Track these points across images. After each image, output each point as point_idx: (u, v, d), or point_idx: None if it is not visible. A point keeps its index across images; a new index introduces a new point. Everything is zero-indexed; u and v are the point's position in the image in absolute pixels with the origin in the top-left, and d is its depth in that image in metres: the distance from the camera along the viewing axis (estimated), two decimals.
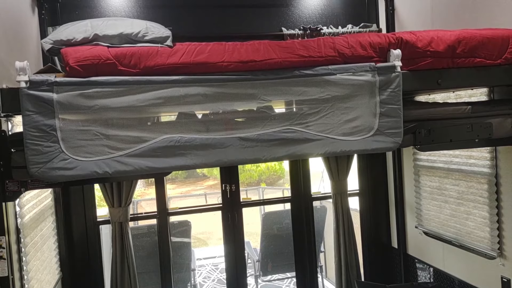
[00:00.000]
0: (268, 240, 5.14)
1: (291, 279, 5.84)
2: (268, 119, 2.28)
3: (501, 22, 2.90)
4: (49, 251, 3.36)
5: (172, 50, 2.19)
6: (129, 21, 2.46)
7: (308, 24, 4.16)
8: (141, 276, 4.15)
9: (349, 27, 4.19)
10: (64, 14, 3.71)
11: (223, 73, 2.21)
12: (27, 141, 1.96)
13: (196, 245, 7.80)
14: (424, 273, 4.07)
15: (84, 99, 2.03)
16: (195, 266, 5.28)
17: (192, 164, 2.20)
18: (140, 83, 2.10)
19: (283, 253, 5.09)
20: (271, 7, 4.18)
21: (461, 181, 3.42)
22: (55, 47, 2.21)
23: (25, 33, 3.15)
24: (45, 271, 3.15)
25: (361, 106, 2.36)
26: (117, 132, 2.11)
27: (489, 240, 3.17)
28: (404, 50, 2.40)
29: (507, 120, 2.60)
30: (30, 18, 3.33)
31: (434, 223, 3.81)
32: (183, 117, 2.24)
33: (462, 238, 3.45)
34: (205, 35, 4.03)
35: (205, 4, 4.06)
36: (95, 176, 2.08)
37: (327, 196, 4.58)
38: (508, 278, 3.04)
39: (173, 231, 4.60)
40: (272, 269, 5.23)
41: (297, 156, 2.35)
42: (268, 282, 5.99)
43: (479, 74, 2.54)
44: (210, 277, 6.60)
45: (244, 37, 4.16)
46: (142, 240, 4.38)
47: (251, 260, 5.45)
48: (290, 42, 2.34)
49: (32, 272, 2.80)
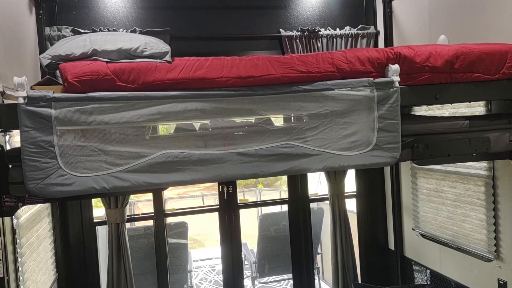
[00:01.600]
0: (265, 241, 5.14)
1: (288, 280, 5.84)
2: (267, 134, 2.29)
3: (499, 25, 2.91)
4: (45, 252, 3.35)
5: (171, 66, 2.19)
6: (127, 36, 2.45)
7: (306, 25, 4.16)
8: (138, 277, 4.15)
9: (347, 29, 4.19)
10: (61, 14, 3.70)
11: (221, 89, 2.20)
12: (24, 157, 1.96)
13: (193, 247, 7.79)
14: (421, 275, 4.07)
15: (82, 115, 2.02)
16: (192, 268, 5.28)
17: (190, 180, 2.20)
18: (138, 99, 2.09)
19: (280, 254, 5.09)
20: (269, 8, 4.18)
21: (458, 184, 3.43)
22: (53, 62, 2.20)
23: (22, 33, 3.14)
24: (41, 272, 3.15)
25: (359, 121, 2.37)
26: (115, 147, 2.10)
27: (486, 242, 3.17)
28: (403, 65, 2.41)
29: (504, 134, 2.61)
30: (27, 18, 3.32)
31: (431, 225, 3.82)
32: (181, 131, 2.24)
33: (459, 240, 3.46)
34: (203, 36, 4.04)
35: (203, 5, 4.06)
36: (93, 192, 2.08)
37: (324, 198, 4.58)
38: (504, 281, 3.05)
39: (170, 233, 4.60)
40: (269, 270, 5.23)
41: (295, 171, 2.35)
42: (265, 283, 5.99)
43: (477, 89, 2.55)
44: (207, 279, 6.59)
45: (242, 39, 4.20)
46: (139, 241, 4.38)
47: (248, 261, 5.44)
48: (288, 58, 2.33)
49: (27, 273, 2.80)
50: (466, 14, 3.24)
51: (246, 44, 4.24)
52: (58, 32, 3.55)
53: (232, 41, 4.21)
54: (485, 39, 3.04)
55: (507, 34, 2.85)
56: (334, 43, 4.16)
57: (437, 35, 3.53)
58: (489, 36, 3.02)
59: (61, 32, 3.56)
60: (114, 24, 3.80)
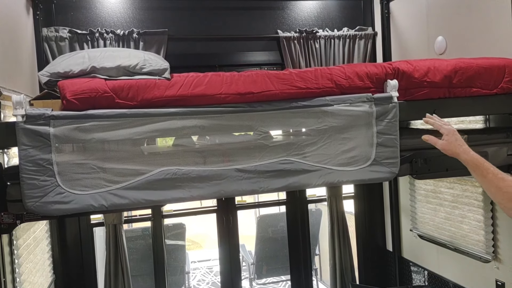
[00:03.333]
0: (263, 243, 5.13)
1: (286, 282, 5.83)
2: (266, 150, 2.28)
3: (496, 26, 2.91)
4: (42, 254, 3.34)
5: (170, 83, 2.18)
6: (126, 52, 2.44)
7: (304, 27, 4.16)
8: (135, 279, 4.14)
9: (345, 30, 4.19)
10: (59, 15, 3.68)
11: (220, 105, 2.20)
12: (22, 175, 1.95)
13: (191, 248, 7.77)
14: (418, 276, 4.07)
15: (81, 133, 2.02)
16: (190, 269, 5.27)
17: (189, 197, 2.20)
18: (137, 116, 2.09)
19: (278, 256, 5.09)
20: (267, 9, 4.18)
21: (456, 184, 3.43)
22: (52, 80, 2.19)
23: (19, 34, 3.13)
24: (38, 273, 3.13)
25: (358, 136, 2.37)
26: (114, 165, 2.10)
27: (483, 243, 3.17)
28: (401, 80, 2.41)
29: (502, 148, 2.62)
30: (24, 19, 3.30)
31: (429, 226, 3.82)
32: (180, 147, 2.23)
33: (457, 241, 3.46)
34: (200, 37, 4.03)
35: (201, 6, 4.05)
36: (91, 210, 2.07)
37: (322, 199, 4.58)
38: (502, 282, 3.05)
39: (168, 234, 4.58)
40: (267, 272, 5.22)
41: (294, 187, 2.35)
42: (263, 285, 5.98)
43: (475, 103, 2.55)
44: (205, 280, 6.58)
45: (240, 39, 4.20)
46: (136, 242, 4.37)
47: (246, 263, 5.44)
48: (287, 74, 2.33)
49: (24, 274, 2.79)
50: (464, 15, 3.24)
51: (244, 45, 4.24)
52: (56, 33, 3.54)
53: (230, 42, 4.21)
54: (483, 39, 3.05)
55: (504, 35, 2.85)
56: (332, 44, 4.15)
57: (435, 36, 3.54)
58: (487, 37, 3.02)
59: (58, 33, 3.54)
60: (111, 25, 3.79)
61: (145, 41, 3.70)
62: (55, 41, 3.54)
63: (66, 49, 3.56)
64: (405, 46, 3.97)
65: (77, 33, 3.57)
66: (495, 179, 1.63)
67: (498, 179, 1.62)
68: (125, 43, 3.67)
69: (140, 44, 3.68)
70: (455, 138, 1.81)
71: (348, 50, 4.19)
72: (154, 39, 3.73)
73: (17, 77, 2.94)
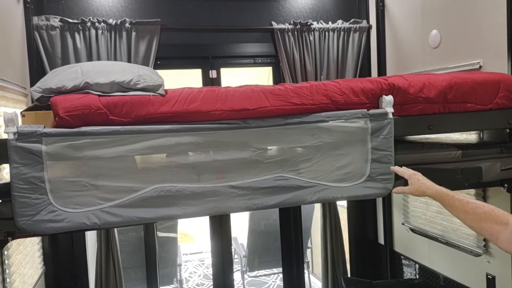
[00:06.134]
0: (255, 236, 5.13)
1: (278, 275, 5.85)
2: (260, 167, 2.26)
3: (491, 19, 2.91)
4: (32, 245, 3.31)
5: (164, 99, 2.15)
6: (120, 67, 2.40)
7: (298, 18, 4.13)
8: (127, 271, 4.13)
9: (339, 23, 4.16)
10: (50, 3, 3.63)
11: (215, 122, 2.18)
12: (14, 193, 1.92)
13: (183, 240, 7.75)
14: (409, 269, 4.10)
15: (74, 150, 1.99)
16: (181, 261, 5.25)
17: (183, 214, 2.18)
18: (131, 133, 2.06)
19: (270, 249, 5.09)
20: (262, 0, 4.14)
21: None
22: (44, 96, 2.14)
23: (9, 22, 3.07)
24: (28, 265, 3.11)
25: (353, 152, 2.36)
26: (107, 182, 2.07)
27: (475, 237, 3.19)
28: (396, 96, 2.39)
29: (496, 164, 2.61)
30: (14, 7, 3.24)
31: (420, 220, 3.83)
32: (174, 164, 2.21)
33: (448, 235, 3.48)
34: (194, 27, 3.99)
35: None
36: (84, 228, 2.05)
37: None
38: (493, 275, 3.07)
39: (159, 226, 4.56)
40: (258, 264, 5.22)
41: (289, 204, 2.33)
42: (255, 277, 5.99)
43: (470, 119, 2.55)
44: (196, 272, 6.58)
45: (234, 31, 4.16)
46: (128, 235, 4.35)
47: (238, 255, 5.44)
48: (283, 89, 2.30)
49: (14, 266, 2.76)
50: (458, 8, 3.23)
51: (238, 37, 4.20)
52: (47, 22, 3.48)
53: (224, 33, 4.17)
54: (477, 33, 3.05)
55: (499, 28, 2.85)
56: (326, 37, 4.12)
57: (429, 30, 3.53)
58: (481, 31, 3.02)
59: (49, 22, 3.49)
60: (103, 14, 3.73)
61: (137, 31, 3.66)
62: (46, 30, 3.49)
63: (57, 38, 3.51)
64: (399, 39, 3.96)
65: (68, 22, 3.52)
66: (460, 205, 1.69)
67: (463, 204, 1.68)
68: (117, 33, 3.62)
69: (133, 34, 3.64)
70: (417, 179, 1.88)
71: (343, 43, 4.17)
72: (147, 29, 3.68)
73: (7, 66, 2.89)
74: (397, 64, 4.03)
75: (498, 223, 1.54)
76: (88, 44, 3.57)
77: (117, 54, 3.62)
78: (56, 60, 3.50)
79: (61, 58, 3.52)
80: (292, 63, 4.04)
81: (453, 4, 3.28)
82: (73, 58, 3.53)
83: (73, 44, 3.54)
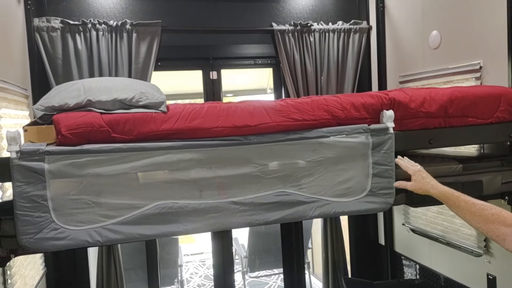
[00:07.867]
0: (256, 236, 5.14)
1: (279, 275, 5.86)
2: (262, 183, 2.26)
3: (491, 20, 2.92)
4: None
5: (166, 116, 2.16)
6: (123, 84, 2.40)
7: (298, 20, 4.13)
8: (128, 272, 4.13)
9: (340, 24, 4.17)
10: (51, 5, 3.63)
11: (216, 138, 2.19)
12: (17, 212, 1.92)
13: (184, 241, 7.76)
14: (410, 270, 4.10)
15: (76, 168, 1.99)
16: (182, 262, 5.26)
17: (184, 230, 2.18)
18: (133, 150, 2.06)
19: (271, 249, 5.10)
20: (262, 2, 4.14)
21: None
22: (47, 114, 2.15)
23: (10, 23, 3.08)
24: (29, 266, 3.12)
25: (354, 167, 2.36)
26: (109, 199, 2.07)
27: (475, 237, 3.20)
28: (397, 111, 2.39)
29: (497, 177, 2.61)
30: (15, 8, 3.25)
31: (421, 221, 3.84)
32: (176, 180, 2.21)
33: (449, 235, 3.48)
34: (194, 28, 4.00)
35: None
36: (86, 245, 2.07)
37: None
38: (493, 276, 3.08)
39: None
40: (259, 265, 5.23)
41: (290, 219, 2.33)
42: (255, 278, 6.00)
43: (471, 133, 2.55)
44: (197, 273, 6.59)
45: (234, 32, 4.17)
46: None
47: (238, 256, 5.44)
48: (284, 105, 2.31)
49: (15, 267, 2.77)
50: (458, 9, 3.24)
51: (238, 38, 4.21)
52: (47, 23, 3.49)
53: (224, 35, 4.17)
54: (477, 34, 3.05)
55: (499, 29, 2.85)
56: (326, 38, 4.13)
57: (429, 30, 3.54)
58: (481, 31, 3.03)
59: (50, 23, 3.49)
60: (104, 15, 3.74)
61: (138, 32, 3.66)
62: (46, 32, 3.49)
63: (58, 39, 3.51)
64: (399, 40, 3.97)
65: (69, 24, 3.52)
66: (466, 205, 1.68)
67: (469, 205, 1.67)
68: (118, 34, 3.62)
69: (133, 36, 3.64)
70: (422, 176, 1.89)
71: (343, 44, 4.17)
72: (147, 30, 3.69)
73: (8, 68, 2.89)
74: (397, 65, 4.04)
75: (506, 225, 1.55)
76: (89, 45, 3.57)
77: (118, 56, 3.62)
78: (56, 62, 3.51)
79: (62, 60, 3.52)
80: (292, 64, 4.05)
81: (453, 5, 3.29)
82: (74, 59, 3.53)
83: (74, 46, 3.55)
